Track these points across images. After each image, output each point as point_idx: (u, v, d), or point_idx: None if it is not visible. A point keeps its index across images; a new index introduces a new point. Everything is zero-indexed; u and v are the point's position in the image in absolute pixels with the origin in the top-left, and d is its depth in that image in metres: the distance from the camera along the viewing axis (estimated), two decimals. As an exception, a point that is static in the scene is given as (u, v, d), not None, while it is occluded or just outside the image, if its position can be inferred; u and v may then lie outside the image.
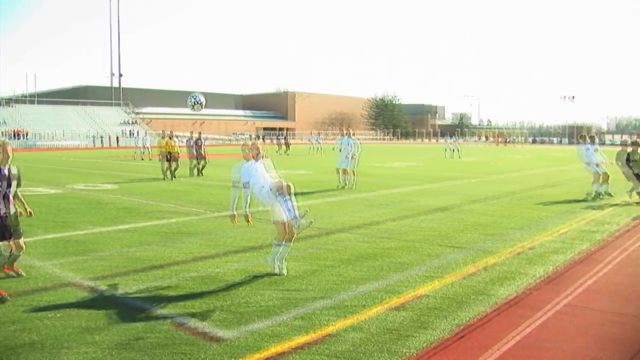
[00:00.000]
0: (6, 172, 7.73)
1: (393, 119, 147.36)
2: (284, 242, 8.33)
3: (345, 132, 21.89)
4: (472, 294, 7.41)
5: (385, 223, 12.95)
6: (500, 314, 6.71)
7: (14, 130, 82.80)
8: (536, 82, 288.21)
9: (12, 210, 7.85)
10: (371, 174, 27.44)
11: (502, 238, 11.15)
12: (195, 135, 28.30)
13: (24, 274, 8.30)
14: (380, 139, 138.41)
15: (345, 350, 5.56)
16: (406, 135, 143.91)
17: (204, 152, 27.70)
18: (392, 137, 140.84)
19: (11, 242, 7.88)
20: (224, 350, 5.54)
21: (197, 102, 12.28)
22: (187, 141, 28.13)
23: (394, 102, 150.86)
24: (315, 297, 7.24)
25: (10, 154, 7.72)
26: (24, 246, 8.14)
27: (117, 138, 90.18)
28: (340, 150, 21.27)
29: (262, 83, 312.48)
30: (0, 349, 5.66)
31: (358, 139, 21.80)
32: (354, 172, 20.84)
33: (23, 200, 8.14)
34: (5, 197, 7.70)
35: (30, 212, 8.18)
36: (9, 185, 7.74)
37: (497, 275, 8.39)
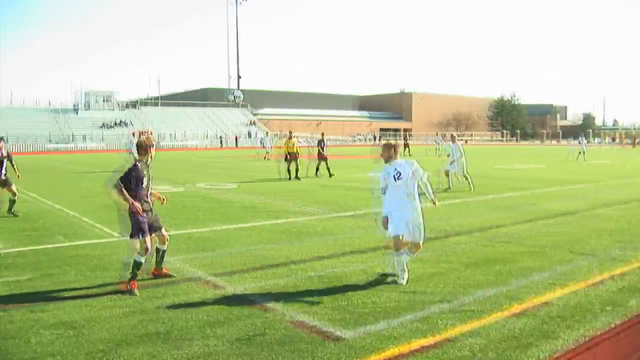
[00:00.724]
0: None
1: (513, 120, 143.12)
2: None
3: (450, 137, 21.79)
4: (600, 304, 7.04)
5: (507, 227, 12.59)
6: (632, 327, 6.33)
7: (139, 131, 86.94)
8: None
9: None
10: (492, 176, 26.84)
11: (634, 246, 10.51)
12: (318, 136, 28.47)
13: (174, 274, 8.46)
14: (499, 140, 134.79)
15: (465, 356, 5.44)
16: (527, 136, 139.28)
17: (326, 152, 27.74)
18: (512, 138, 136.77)
19: (154, 236, 8.16)
20: (343, 350, 5.55)
21: (231, 94, 12.76)
22: (317, 142, 28.17)
23: (513, 102, 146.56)
24: (435, 301, 7.13)
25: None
26: (167, 237, 8.45)
27: (237, 138, 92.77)
28: (448, 155, 21.09)
29: (380, 83, 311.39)
30: (130, 337, 5.97)
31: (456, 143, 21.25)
32: (456, 176, 20.41)
33: (155, 192, 8.55)
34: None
35: (163, 199, 8.54)
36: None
37: (628, 285, 7.91)
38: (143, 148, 8.07)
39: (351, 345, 5.69)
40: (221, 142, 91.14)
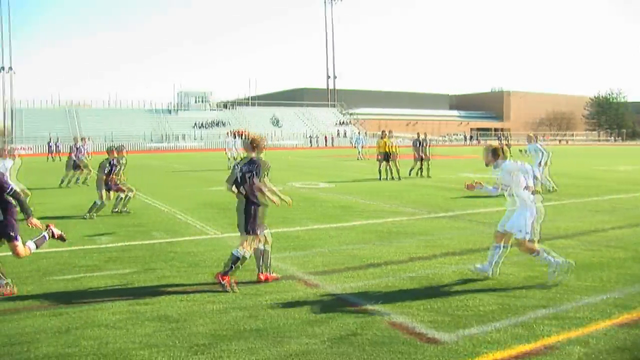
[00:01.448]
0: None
1: (618, 119, 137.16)
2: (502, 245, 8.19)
3: (528, 137, 21.07)
4: None
5: (611, 231, 12.04)
6: None
7: (235, 131, 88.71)
8: None
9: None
10: (593, 177, 25.85)
11: None
12: (422, 136, 27.90)
13: (279, 276, 8.39)
14: (603, 140, 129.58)
15: (568, 365, 5.23)
16: (634, 136, 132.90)
17: (428, 153, 26.95)
18: (616, 139, 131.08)
19: (260, 236, 8.14)
20: (441, 353, 5.47)
21: (274, 118, 13.31)
22: (413, 142, 27.71)
23: (618, 99, 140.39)
24: (535, 305, 6.90)
25: None
26: (269, 239, 8.36)
27: (332, 138, 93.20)
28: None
29: (474, 82, 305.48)
30: (228, 332, 6.10)
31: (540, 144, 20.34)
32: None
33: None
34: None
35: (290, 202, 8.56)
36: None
37: None
38: (260, 145, 8.28)
39: (448, 348, 5.60)
40: (316, 141, 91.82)
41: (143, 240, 11.31)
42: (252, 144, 8.23)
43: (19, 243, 7.65)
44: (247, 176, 7.99)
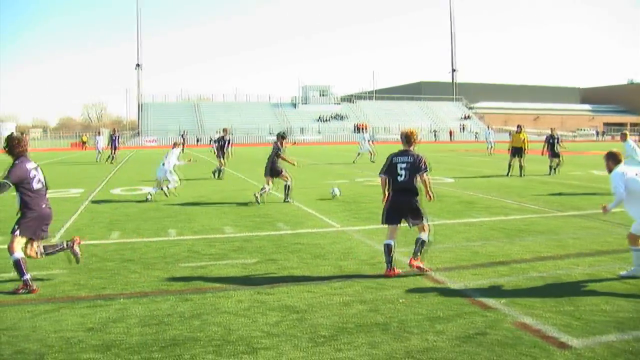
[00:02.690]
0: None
1: None
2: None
3: (621, 135, 19.35)
4: None
5: None
6: None
7: (356, 124, 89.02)
8: None
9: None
10: None
11: None
12: (549, 132, 26.70)
13: (427, 269, 8.34)
14: None
15: None
16: None
17: (557, 149, 25.58)
18: None
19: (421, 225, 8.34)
20: (570, 359, 5.18)
21: (332, 193, 15.63)
22: (546, 137, 26.59)
23: None
24: (680, 316, 6.41)
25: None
26: (426, 229, 8.38)
27: (454, 132, 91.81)
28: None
29: (607, 75, 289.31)
30: (350, 325, 6.10)
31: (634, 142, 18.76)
32: None
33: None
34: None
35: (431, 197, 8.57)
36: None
37: None
38: (415, 139, 8.50)
39: (580, 354, 5.28)
40: (435, 135, 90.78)
41: (268, 231, 11.55)
42: (407, 138, 8.42)
43: (15, 238, 7.46)
44: (403, 167, 8.19)
